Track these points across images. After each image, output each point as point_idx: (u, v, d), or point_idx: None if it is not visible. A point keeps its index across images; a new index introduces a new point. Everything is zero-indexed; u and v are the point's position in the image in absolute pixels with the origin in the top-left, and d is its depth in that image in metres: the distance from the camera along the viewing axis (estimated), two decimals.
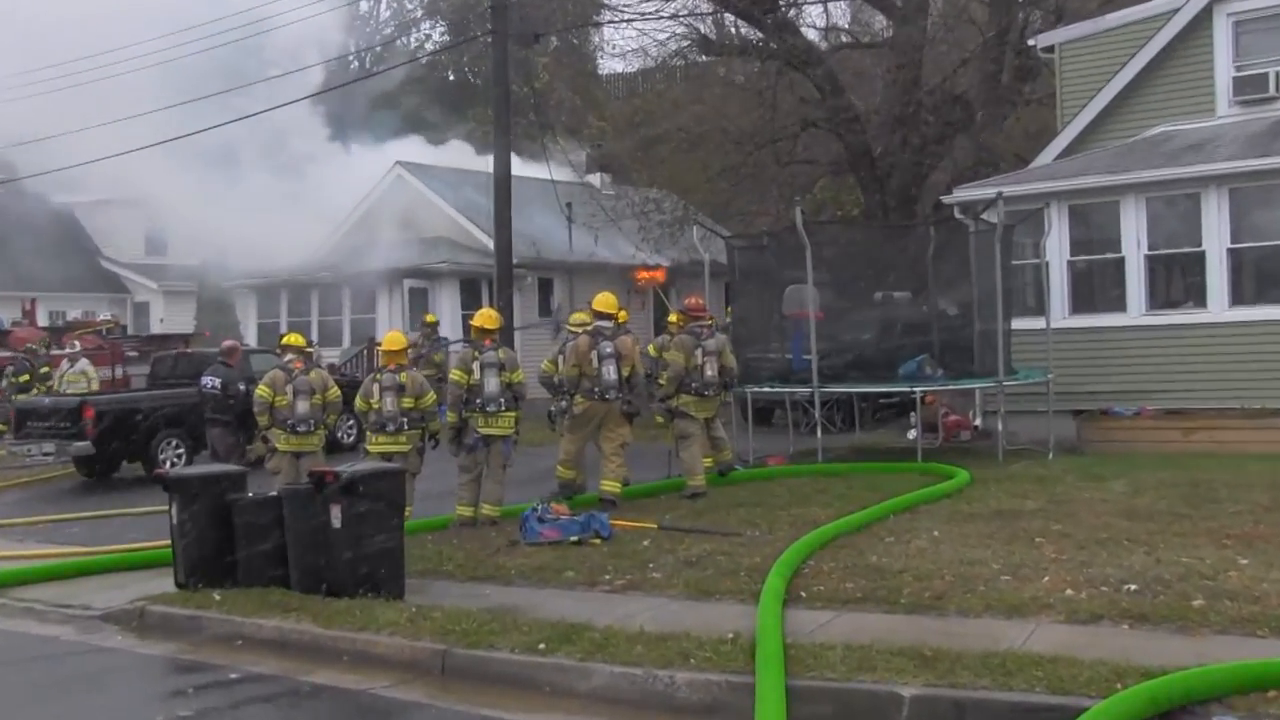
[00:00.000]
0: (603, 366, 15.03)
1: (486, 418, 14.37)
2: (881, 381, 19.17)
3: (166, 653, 10.26)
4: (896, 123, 28.72)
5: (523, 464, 16.66)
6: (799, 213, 18.24)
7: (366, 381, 14.78)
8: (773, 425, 24.11)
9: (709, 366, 16.14)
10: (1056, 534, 11.70)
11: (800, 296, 19.09)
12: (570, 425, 15.51)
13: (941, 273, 19.90)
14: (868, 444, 20.80)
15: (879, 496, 14.29)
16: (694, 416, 16.09)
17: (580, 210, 33.85)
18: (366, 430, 14.69)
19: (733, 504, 14.66)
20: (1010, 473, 16.11)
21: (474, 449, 14.43)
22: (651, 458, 18.32)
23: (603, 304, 15.50)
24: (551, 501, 13.76)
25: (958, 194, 20.88)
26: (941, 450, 18.91)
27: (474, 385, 14.39)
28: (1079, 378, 19.19)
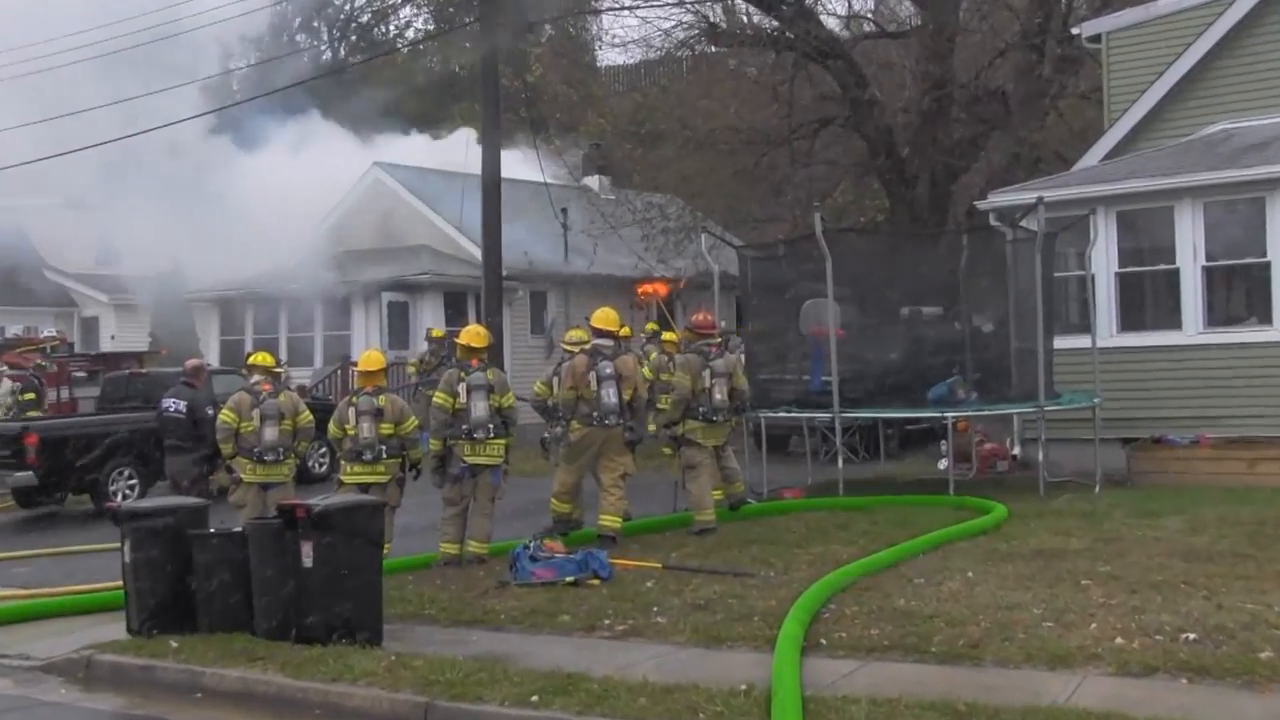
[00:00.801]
0: (602, 389, 15.03)
1: (473, 445, 14.35)
2: (909, 406, 19.14)
3: (116, 707, 10.21)
4: (926, 120, 28.79)
5: (513, 496, 16.63)
6: (818, 219, 18.26)
7: (341, 405, 14.76)
8: (789, 454, 24.07)
9: (718, 389, 16.13)
10: (1105, 576, 11.66)
11: (819, 312, 19.09)
12: (566, 454, 15.49)
13: (975, 286, 19.90)
14: (894, 475, 20.77)
15: (907, 533, 14.25)
16: (702, 445, 16.07)
17: (577, 217, 33.87)
18: (341, 459, 14.67)
19: (745, 541, 14.62)
20: (1053, 508, 16.08)
21: (460, 480, 14.40)
22: (655, 490, 18.28)
23: (602, 320, 15.51)
24: (545, 538, 13.73)
25: (993, 198, 20.89)
26: (976, 482, 18.88)
27: (460, 409, 14.37)
28: (1129, 402, 19.17)
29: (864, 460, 22.78)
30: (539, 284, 33.80)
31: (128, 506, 12.45)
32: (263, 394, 15.10)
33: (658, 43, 32.84)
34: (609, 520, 14.99)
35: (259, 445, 14.90)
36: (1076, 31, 24.71)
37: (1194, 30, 21.36)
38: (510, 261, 28.62)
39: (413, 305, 32.19)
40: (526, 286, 33.17)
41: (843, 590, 11.53)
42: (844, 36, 32.59)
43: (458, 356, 15.02)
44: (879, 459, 22.23)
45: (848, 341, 19.23)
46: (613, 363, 15.15)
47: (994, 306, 19.93)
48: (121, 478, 21.41)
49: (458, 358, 15.00)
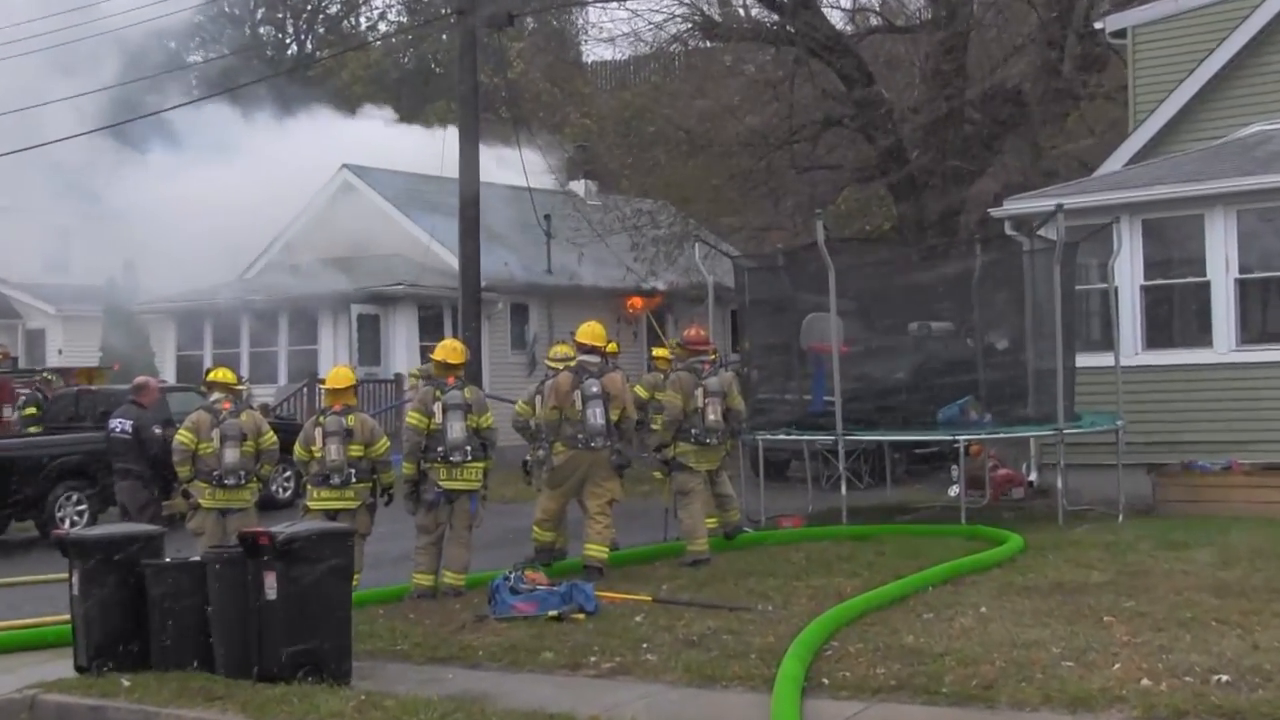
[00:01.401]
0: (587, 409, 15.02)
1: (450, 469, 14.34)
2: (918, 428, 19.16)
3: None
4: (936, 121, 28.86)
5: (492, 524, 16.61)
6: (820, 227, 18.29)
7: (307, 425, 14.75)
8: (788, 480, 24.05)
9: (711, 410, 16.12)
10: (1129, 612, 11.67)
11: (821, 327, 19.11)
12: (549, 478, 15.49)
13: (989, 299, 19.94)
14: (901, 502, 20.76)
15: (915, 565, 14.25)
16: (694, 469, 16.08)
17: (561, 224, 33.91)
18: (307, 483, 14.65)
19: (741, 573, 14.61)
20: (1072, 538, 16.08)
21: (435, 506, 14.39)
22: (645, 517, 18.26)
23: (588, 335, 15.52)
24: (526, 569, 13.72)
25: (1009, 206, 20.93)
26: (990, 510, 18.89)
27: (435, 430, 14.36)
28: (1155, 425, 19.19)
29: (869, 486, 22.78)
30: (520, 296, 33.83)
31: (76, 534, 12.41)
32: (223, 413, 15.07)
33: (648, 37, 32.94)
34: (595, 550, 14.97)
35: (218, 468, 14.87)
36: (1100, 26, 24.79)
37: (1228, 24, 21.41)
38: (489, 271, 28.65)
39: (384, 318, 32.22)
40: (507, 298, 33.21)
41: (846, 626, 11.52)
42: (849, 31, 32.67)
43: (433, 373, 15.02)
44: (885, 485, 22.22)
45: (852, 359, 19.25)
46: (599, 381, 15.14)
47: (1010, 322, 19.97)
48: (69, 503, 21.34)
49: (433, 374, 15.00)
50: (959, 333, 20.79)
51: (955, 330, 20.94)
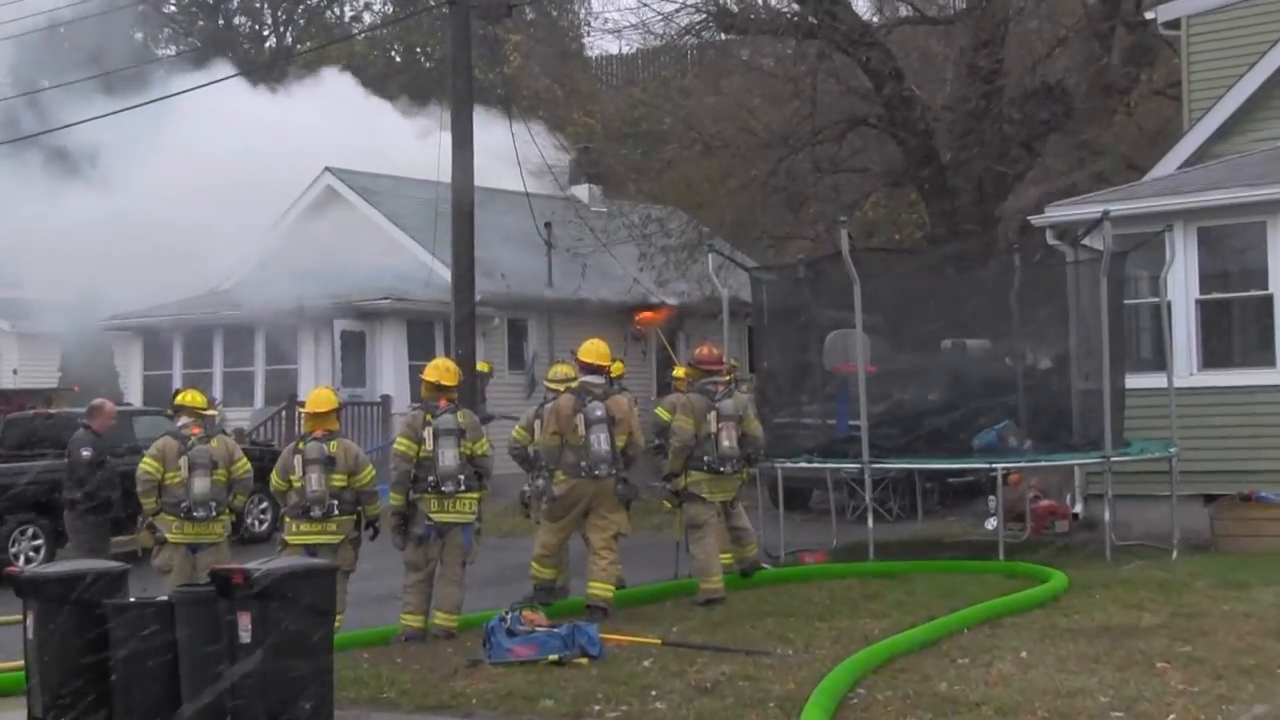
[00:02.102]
0: (591, 434, 15.01)
1: (441, 500, 14.33)
2: (951, 455, 19.14)
3: None
4: (972, 120, 28.86)
5: (487, 559, 16.61)
6: (845, 236, 18.29)
7: (286, 452, 14.75)
8: (811, 511, 24.02)
9: (726, 435, 16.10)
10: (1185, 658, 11.64)
11: (846, 345, 19.12)
12: (549, 510, 15.47)
13: (1030, 315, 19.93)
14: (934, 536, 20.74)
15: (949, 605, 14.22)
16: (708, 500, 16.05)
17: (563, 232, 33.91)
18: (285, 516, 14.65)
19: (759, 613, 14.59)
20: (1121, 576, 16.05)
21: (425, 540, 14.38)
22: (654, 552, 18.24)
23: (591, 353, 15.51)
24: (524, 609, 13.69)
25: (1051, 212, 20.93)
26: (1030, 545, 18.84)
27: (425, 458, 14.37)
28: (1212, 452, 19.16)
29: (898, 519, 22.75)
30: (518, 311, 33.83)
31: (31, 572, 12.39)
32: (192, 439, 15.07)
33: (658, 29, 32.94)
34: (599, 588, 14.95)
35: (187, 499, 14.86)
36: (1151, 16, 24.74)
37: None
38: (484, 285, 28.63)
39: (370, 335, 32.21)
40: (503, 314, 33.21)
41: (874, 672, 11.50)
42: (876, 23, 32.73)
43: (423, 395, 15.02)
44: (916, 518, 22.19)
45: (880, 379, 19.23)
46: (604, 403, 15.13)
47: (1052, 339, 19.95)
48: (24, 538, 21.33)
49: (423, 397, 15.00)
50: (997, 351, 20.77)
51: (992, 348, 20.92)
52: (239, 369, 33.39)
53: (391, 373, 31.68)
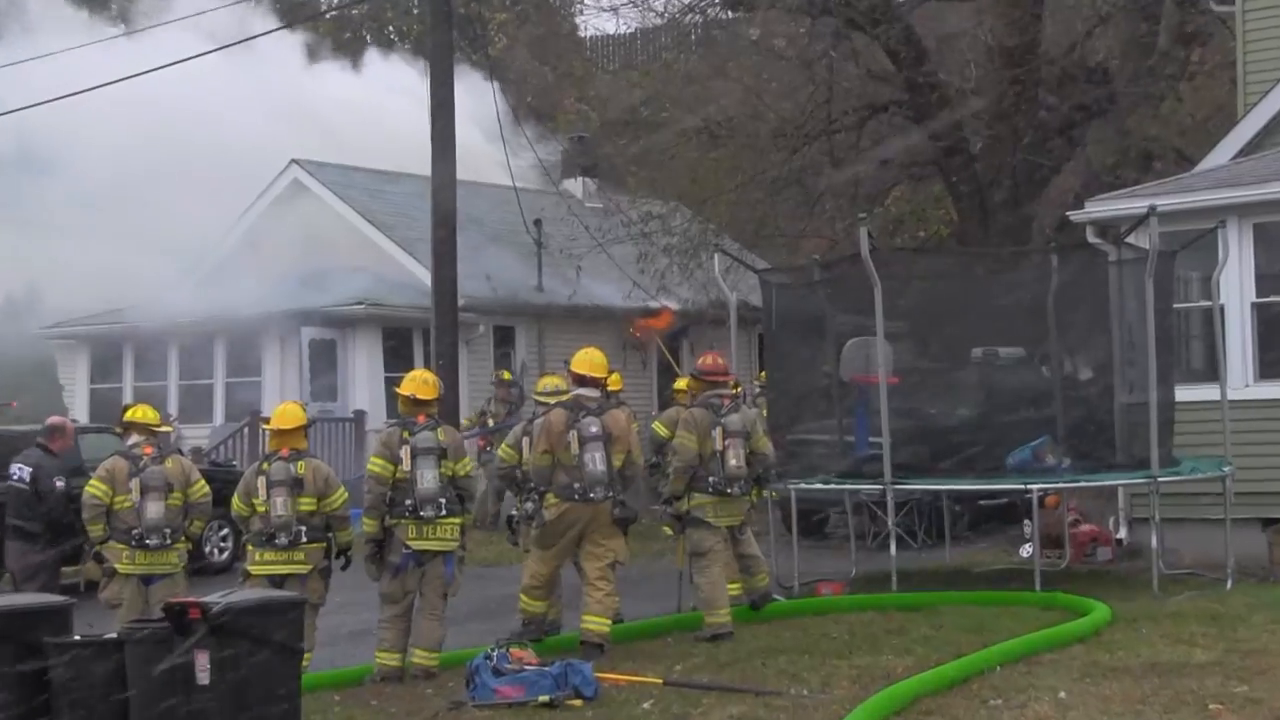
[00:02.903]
0: (585, 453, 14.98)
1: (420, 526, 14.32)
2: (982, 475, 19.12)
3: None
4: (1005, 106, 28.86)
5: (471, 591, 16.59)
6: (865, 234, 18.27)
7: (248, 474, 14.73)
8: (827, 537, 24.02)
9: (733, 453, 16.07)
10: (1241, 699, 11.63)
11: (866, 354, 19.10)
12: (539, 537, 15.45)
13: (1069, 320, 19.91)
14: (963, 565, 20.73)
15: (980, 641, 14.21)
16: (713, 525, 16.04)
17: (554, 230, 33.92)
18: (247, 544, 14.63)
19: (770, 650, 14.59)
20: (1170, 609, 16.03)
21: (402, 570, 14.38)
22: (655, 583, 18.23)
23: (585, 364, 15.49)
24: (512, 645, 13.69)
25: (1092, 207, 20.93)
26: (1069, 574, 18.85)
27: (402, 479, 14.36)
28: (1270, 471, 19.13)
29: (924, 546, 22.73)
30: (505, 317, 33.80)
31: None
32: (144, 459, 15.04)
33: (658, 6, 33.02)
34: (595, 622, 14.94)
35: (139, 525, 14.83)
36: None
37: None
38: (468, 288, 28.64)
39: (342, 344, 32.19)
40: (489, 320, 33.17)
41: (897, 714, 11.49)
42: None
43: (400, 411, 15.01)
44: (943, 544, 22.17)
45: (903, 392, 19.21)
46: (599, 419, 15.10)
47: (1093, 347, 19.93)
48: None
49: (400, 412, 14.99)
50: (1032, 360, 20.76)
51: (1027, 357, 20.90)
52: (196, 381, 33.36)
53: (365, 385, 31.65)
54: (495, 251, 33.84)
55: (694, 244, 31.38)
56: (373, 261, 33.79)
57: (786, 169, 29.75)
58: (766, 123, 30.24)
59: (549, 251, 34.20)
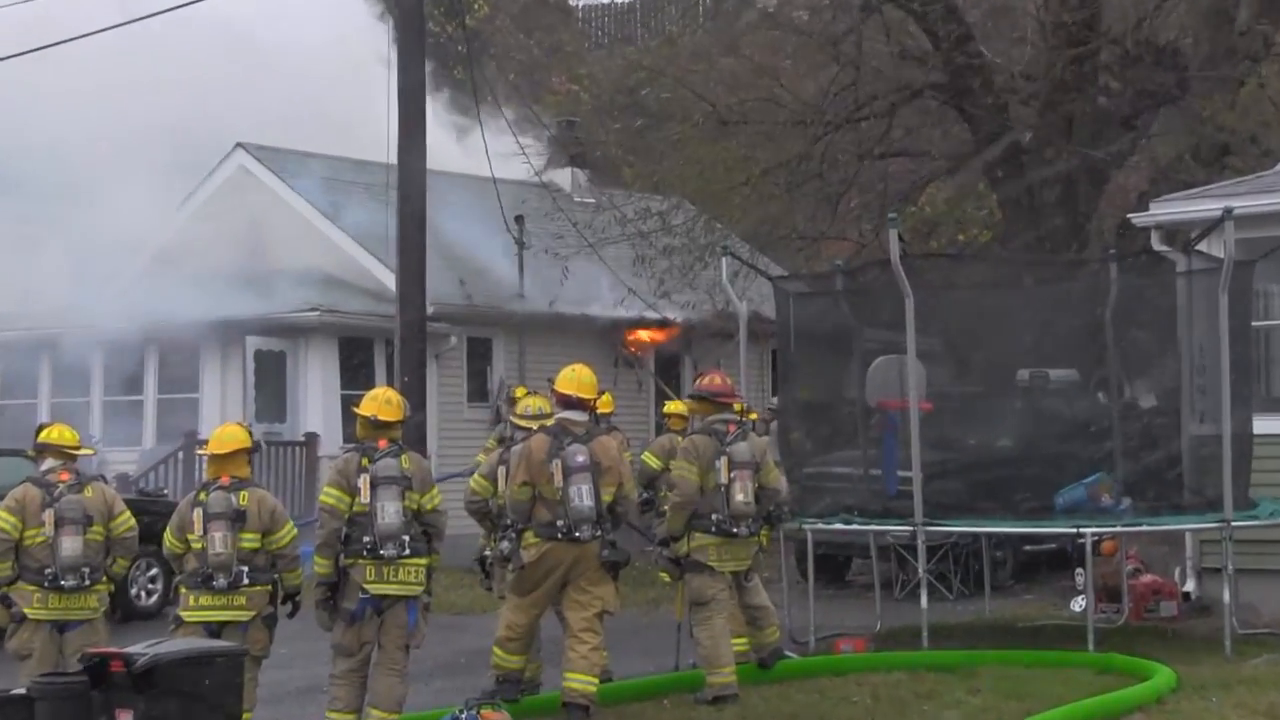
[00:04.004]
0: (570, 486, 14.95)
1: (379, 567, 14.28)
2: (1029, 517, 19.12)
3: None
4: (1059, 91, 28.86)
5: (437, 642, 16.58)
6: (896, 237, 18.29)
7: (182, 505, 14.66)
8: (848, 585, 24.02)
9: (740, 487, 16.01)
10: None
11: (895, 375, 19.10)
12: (516, 581, 15.42)
13: (1130, 339, 19.94)
14: (1005, 620, 20.72)
15: (1023, 708, 14.21)
16: (717, 570, 16.01)
17: (539, 228, 33.91)
18: (180, 586, 14.58)
19: (781, 715, 14.59)
20: (1244, 674, 16.02)
21: (359, 618, 14.34)
22: (649, 636, 18.21)
23: (572, 383, 15.45)
24: (484, 706, 13.70)
25: (1158, 209, 20.94)
26: (1129, 633, 18.84)
27: (360, 513, 14.32)
28: None
29: (960, 597, 22.73)
30: (481, 327, 33.79)
31: None
32: (60, 487, 14.99)
33: None
34: (579, 681, 14.91)
35: (52, 564, 14.77)
36: None
37: None
38: (439, 293, 28.64)
39: (292, 356, 32.16)
40: (462, 330, 33.16)
41: None
42: None
43: (359, 434, 14.98)
44: (982, 595, 22.16)
45: (938, 419, 19.23)
46: (587, 446, 15.07)
47: (1158, 370, 19.95)
48: None
49: (358, 436, 14.96)
50: (1087, 384, 20.76)
51: (1082, 381, 20.91)
52: (123, 398, 33.32)
53: (318, 404, 31.63)
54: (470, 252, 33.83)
55: (698, 245, 31.40)
56: (329, 262, 33.78)
57: (806, 161, 29.74)
58: (784, 108, 30.22)
59: (532, 252, 34.15)
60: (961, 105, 29.59)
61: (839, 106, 29.59)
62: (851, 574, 24.46)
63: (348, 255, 33.73)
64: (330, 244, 34.06)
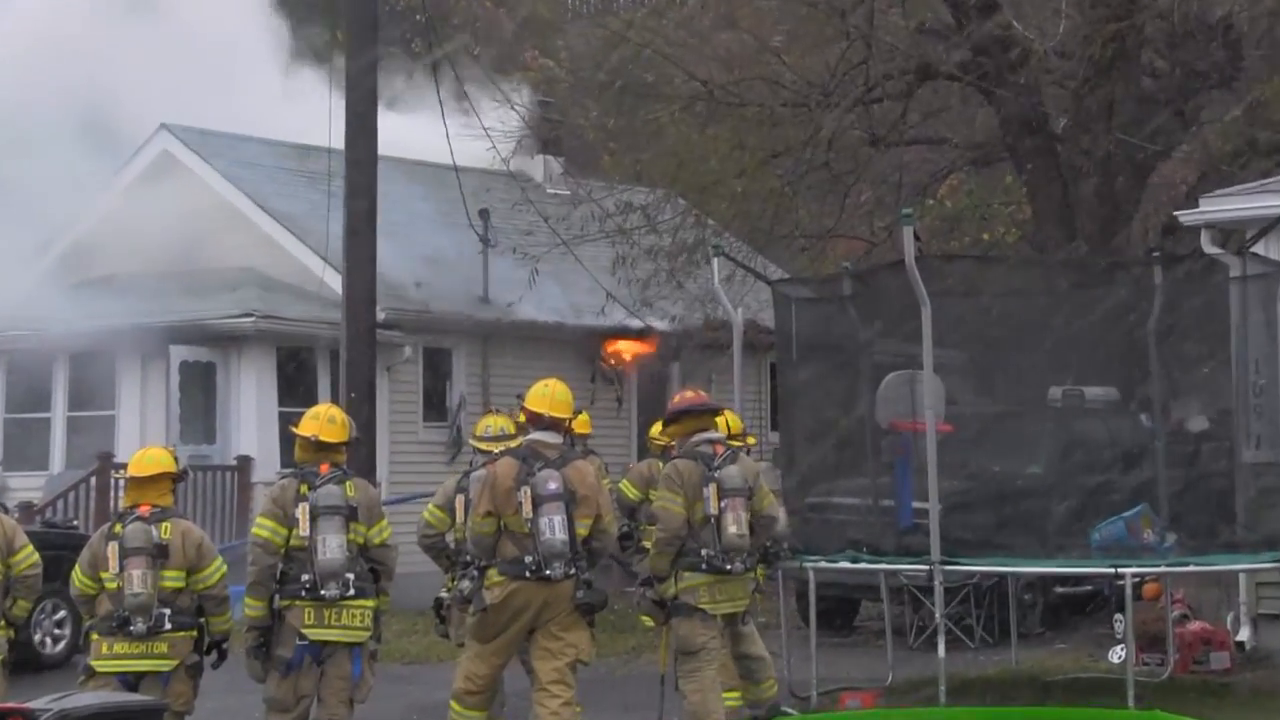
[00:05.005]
0: (541, 517, 14.93)
1: (319, 609, 14.31)
2: (1060, 555, 19.14)
3: None
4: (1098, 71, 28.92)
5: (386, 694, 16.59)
6: (911, 235, 18.30)
7: (96, 539, 14.67)
8: (856, 631, 24.03)
9: (732, 517, 15.97)
10: None
11: (909, 392, 19.13)
12: (477, 626, 15.41)
13: (1176, 352, 19.97)
14: (1034, 671, 20.76)
15: None
16: (709, 613, 16.02)
17: (506, 224, 33.93)
18: (92, 631, 14.58)
19: None
20: None
21: (295, 668, 14.36)
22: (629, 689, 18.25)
23: (544, 400, 15.45)
24: None
25: (1208, 206, 21.00)
26: (1175, 687, 18.87)
27: (298, 548, 14.34)
28: None
29: (983, 645, 22.76)
30: (439, 336, 33.81)
31: None
32: None
33: None
34: None
35: None
36: None
37: None
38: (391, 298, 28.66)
39: (223, 368, 32.13)
40: (418, 340, 33.16)
41: None
42: None
43: (297, 458, 14.99)
44: (1008, 643, 22.20)
45: (958, 442, 19.26)
46: (560, 472, 15.06)
47: (1209, 388, 19.99)
48: None
49: (297, 460, 14.97)
50: (1127, 404, 20.81)
51: (1121, 400, 20.96)
52: (28, 415, 33.28)
53: (253, 423, 31.60)
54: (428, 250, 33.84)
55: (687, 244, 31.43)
56: (266, 260, 33.78)
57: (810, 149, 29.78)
58: (786, 88, 30.27)
59: (499, 251, 34.18)
60: (987, 86, 29.62)
61: (848, 87, 29.62)
62: (860, 619, 24.48)
63: (288, 253, 33.69)
64: (268, 240, 34.04)
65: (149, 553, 14.17)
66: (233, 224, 34.42)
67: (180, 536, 14.37)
